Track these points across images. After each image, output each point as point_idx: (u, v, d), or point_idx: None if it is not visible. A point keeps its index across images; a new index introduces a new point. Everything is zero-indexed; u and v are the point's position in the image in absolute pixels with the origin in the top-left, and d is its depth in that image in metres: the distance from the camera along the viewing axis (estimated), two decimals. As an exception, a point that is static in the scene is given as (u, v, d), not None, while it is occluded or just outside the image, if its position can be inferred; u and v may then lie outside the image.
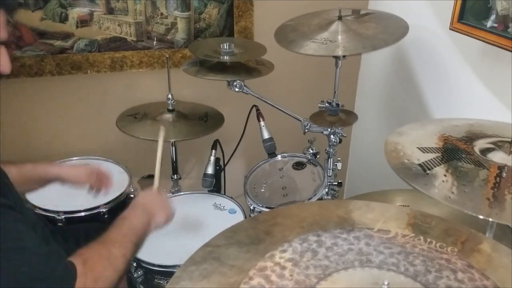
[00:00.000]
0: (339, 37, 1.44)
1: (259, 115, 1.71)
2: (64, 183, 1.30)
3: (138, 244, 1.03)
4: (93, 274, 0.89)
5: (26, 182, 1.21)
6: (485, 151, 1.01)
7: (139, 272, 1.37)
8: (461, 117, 1.26)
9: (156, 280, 1.37)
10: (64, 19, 1.75)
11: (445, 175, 0.93)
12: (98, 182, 1.34)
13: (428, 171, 0.95)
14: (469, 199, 0.87)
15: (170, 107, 1.71)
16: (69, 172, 1.30)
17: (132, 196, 1.67)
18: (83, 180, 1.31)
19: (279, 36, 1.54)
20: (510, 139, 1.02)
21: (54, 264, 0.86)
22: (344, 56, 1.52)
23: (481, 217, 0.83)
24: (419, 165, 0.97)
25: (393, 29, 1.48)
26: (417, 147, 1.04)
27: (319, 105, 1.65)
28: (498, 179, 0.92)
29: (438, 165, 0.97)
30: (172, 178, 1.85)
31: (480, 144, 1.04)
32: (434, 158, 0.99)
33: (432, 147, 1.04)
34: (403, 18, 1.53)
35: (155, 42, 1.88)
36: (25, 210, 1.04)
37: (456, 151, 1.01)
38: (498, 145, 1.03)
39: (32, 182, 1.26)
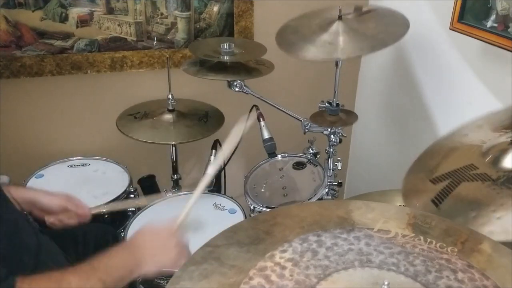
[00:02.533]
0: (340, 38, 1.43)
1: (259, 115, 1.71)
2: (39, 207, 1.22)
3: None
4: None
5: None
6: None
7: (139, 272, 1.37)
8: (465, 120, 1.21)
9: (156, 280, 1.37)
10: (64, 19, 1.75)
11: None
12: (69, 216, 1.25)
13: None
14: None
15: (170, 107, 1.71)
16: (43, 197, 1.22)
17: (132, 196, 1.67)
18: (55, 208, 1.22)
19: (280, 39, 1.53)
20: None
21: None
22: (344, 56, 1.52)
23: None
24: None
25: (393, 28, 1.47)
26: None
27: (319, 105, 1.65)
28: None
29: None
30: (172, 178, 1.85)
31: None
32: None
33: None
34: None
35: (155, 42, 1.88)
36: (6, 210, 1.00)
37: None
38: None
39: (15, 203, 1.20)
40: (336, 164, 1.69)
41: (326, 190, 1.57)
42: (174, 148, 1.79)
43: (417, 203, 0.95)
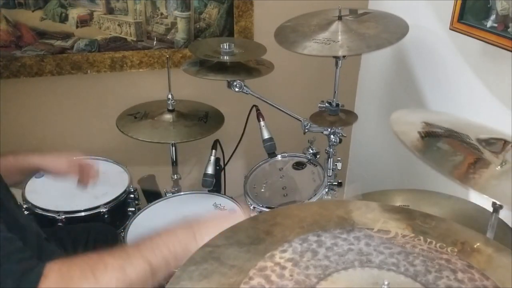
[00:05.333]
0: (340, 37, 1.44)
1: (259, 115, 1.71)
2: (47, 173, 1.30)
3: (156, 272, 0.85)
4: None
5: (8, 174, 1.15)
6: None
7: (139, 272, 1.36)
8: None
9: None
10: (64, 19, 1.75)
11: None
12: (82, 174, 1.32)
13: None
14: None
15: (170, 107, 1.71)
16: (51, 162, 1.28)
17: (132, 196, 1.67)
18: (64, 170, 1.28)
19: (280, 37, 1.54)
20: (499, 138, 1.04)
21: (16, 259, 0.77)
22: (344, 56, 1.52)
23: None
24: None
25: (394, 28, 1.47)
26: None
27: (319, 105, 1.65)
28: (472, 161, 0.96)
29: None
30: (172, 178, 1.85)
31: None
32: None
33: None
34: (403, 18, 1.53)
35: (155, 42, 1.88)
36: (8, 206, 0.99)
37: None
38: (490, 143, 1.03)
39: (14, 173, 1.24)
40: (336, 164, 1.69)
41: (326, 190, 1.57)
42: (174, 148, 1.79)
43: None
